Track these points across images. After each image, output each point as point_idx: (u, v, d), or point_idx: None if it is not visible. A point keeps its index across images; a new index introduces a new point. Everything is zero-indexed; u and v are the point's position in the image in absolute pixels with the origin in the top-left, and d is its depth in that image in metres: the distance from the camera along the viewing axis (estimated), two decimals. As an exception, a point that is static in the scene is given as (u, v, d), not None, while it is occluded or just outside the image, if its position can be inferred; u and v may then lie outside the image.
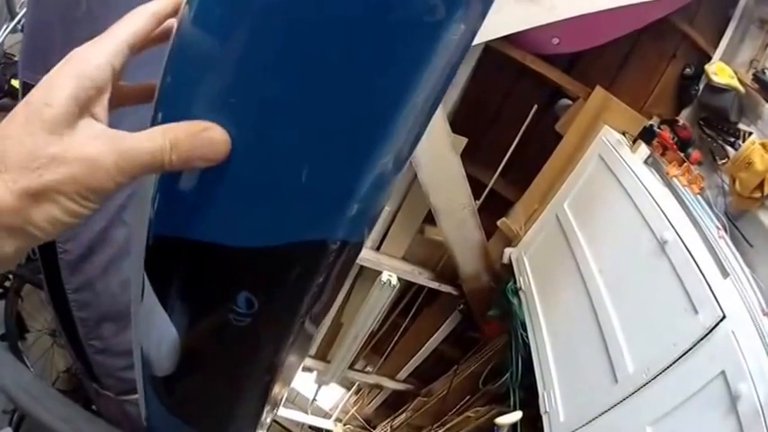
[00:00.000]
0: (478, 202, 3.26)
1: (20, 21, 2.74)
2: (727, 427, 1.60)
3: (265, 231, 0.53)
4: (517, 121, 3.21)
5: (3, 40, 2.74)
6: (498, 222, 3.34)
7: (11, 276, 2.87)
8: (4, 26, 2.76)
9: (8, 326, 3.05)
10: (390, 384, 4.39)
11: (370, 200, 0.55)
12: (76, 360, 1.88)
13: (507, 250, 3.28)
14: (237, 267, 0.56)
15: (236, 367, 0.70)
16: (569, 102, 3.18)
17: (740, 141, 2.52)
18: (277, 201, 0.51)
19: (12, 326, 3.03)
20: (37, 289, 3.02)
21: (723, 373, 1.64)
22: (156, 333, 0.64)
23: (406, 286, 3.75)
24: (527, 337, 2.85)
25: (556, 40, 2.77)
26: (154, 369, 0.71)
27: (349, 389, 4.80)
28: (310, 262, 0.57)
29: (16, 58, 2.78)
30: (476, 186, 3.18)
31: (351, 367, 4.18)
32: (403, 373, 4.30)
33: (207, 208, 0.51)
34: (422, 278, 3.65)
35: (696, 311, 1.84)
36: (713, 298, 1.79)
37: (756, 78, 2.63)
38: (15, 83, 2.62)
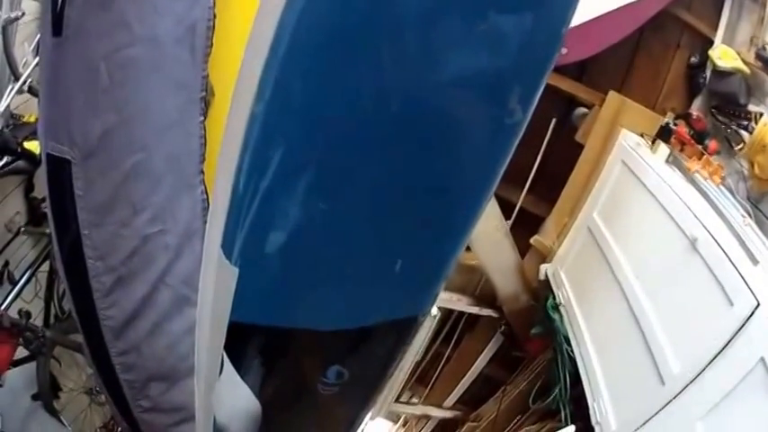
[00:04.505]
0: (510, 222, 3.27)
1: (25, 82, 2.68)
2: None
3: (357, 315, 0.55)
4: (537, 136, 3.23)
5: (9, 103, 2.65)
6: (531, 240, 3.34)
7: (41, 337, 2.68)
8: (9, 87, 2.69)
9: (42, 387, 3.02)
10: (438, 413, 4.33)
11: (452, 269, 0.58)
12: (121, 419, 1.83)
13: (543, 267, 3.27)
14: (330, 346, 0.58)
15: (319, 429, 0.73)
16: (585, 110, 3.19)
17: (753, 124, 2.50)
18: (370, 289, 0.53)
19: (45, 387, 3.01)
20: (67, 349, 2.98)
21: (762, 359, 1.63)
22: (237, 406, 0.64)
23: (446, 314, 3.74)
24: (572, 350, 2.83)
25: (564, 50, 2.79)
26: None
27: (396, 422, 4.75)
28: (401, 336, 0.61)
29: (25, 119, 2.79)
30: (505, 206, 3.19)
31: (396, 400, 4.15)
32: (450, 400, 4.25)
33: (304, 300, 0.52)
34: (461, 304, 3.63)
35: (731, 303, 1.84)
36: (746, 287, 1.79)
37: (759, 56, 2.63)
38: (28, 145, 2.59)
